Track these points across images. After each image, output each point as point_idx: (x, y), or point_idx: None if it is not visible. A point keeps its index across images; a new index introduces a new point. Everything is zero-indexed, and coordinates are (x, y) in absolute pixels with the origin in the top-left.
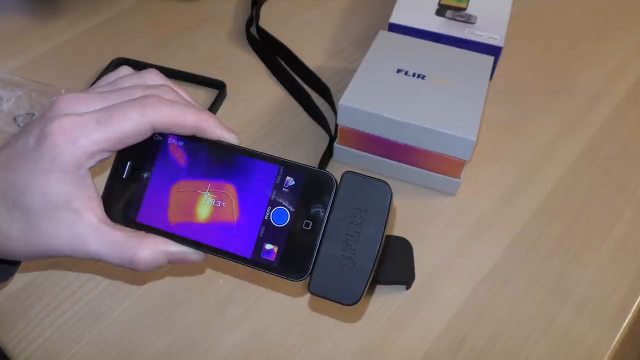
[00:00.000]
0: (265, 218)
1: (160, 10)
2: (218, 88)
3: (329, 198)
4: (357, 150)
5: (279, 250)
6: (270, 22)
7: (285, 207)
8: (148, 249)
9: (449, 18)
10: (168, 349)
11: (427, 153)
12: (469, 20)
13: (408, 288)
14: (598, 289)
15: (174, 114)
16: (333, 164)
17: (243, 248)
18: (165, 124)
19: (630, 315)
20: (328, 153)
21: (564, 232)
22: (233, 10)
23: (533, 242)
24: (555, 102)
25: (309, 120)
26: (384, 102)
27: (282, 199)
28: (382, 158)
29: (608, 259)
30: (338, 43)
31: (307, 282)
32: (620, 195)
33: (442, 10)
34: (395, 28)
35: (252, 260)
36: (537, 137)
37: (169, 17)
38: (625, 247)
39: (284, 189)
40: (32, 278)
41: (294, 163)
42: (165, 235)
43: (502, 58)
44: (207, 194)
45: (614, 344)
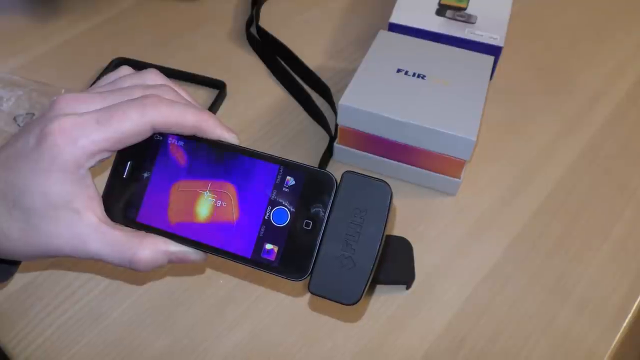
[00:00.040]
0: (266, 218)
1: (160, 10)
2: (218, 88)
3: (329, 198)
4: (357, 150)
5: (279, 250)
6: (270, 22)
7: (286, 206)
8: (148, 249)
9: (449, 18)
10: (168, 349)
11: (427, 153)
12: (469, 20)
13: (408, 288)
14: (598, 289)
15: (174, 114)
16: (333, 164)
17: (243, 248)
18: (165, 124)
19: (630, 315)
20: (328, 153)
21: (564, 232)
22: (233, 10)
23: (533, 242)
24: (555, 102)
25: (309, 120)
26: (384, 102)
27: (282, 199)
28: (382, 158)
29: (608, 259)
30: (338, 43)
31: (307, 282)
32: (620, 195)
33: (442, 10)
34: (395, 28)
35: (252, 260)
36: (537, 137)
37: (169, 17)
38: (625, 247)
39: (284, 189)
40: (32, 278)
41: (294, 163)
42: (166, 235)
43: (502, 58)
44: (207, 194)
45: (614, 344)
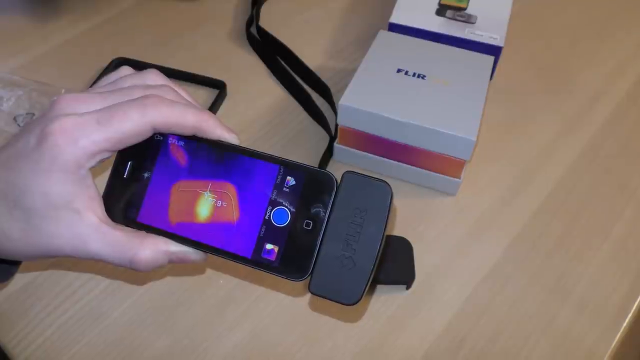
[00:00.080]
0: (266, 218)
1: (160, 10)
2: (218, 88)
3: (330, 198)
4: (357, 150)
5: (280, 250)
6: (271, 22)
7: (286, 207)
8: (149, 249)
9: (449, 18)
10: (168, 349)
11: (427, 153)
12: (469, 20)
13: (408, 288)
14: (598, 289)
15: (175, 114)
16: (333, 164)
17: (243, 248)
18: (166, 124)
19: (631, 315)
20: (328, 153)
21: (564, 231)
22: (233, 10)
23: (533, 242)
24: (556, 101)
25: (309, 120)
26: (384, 102)
27: (282, 199)
28: (382, 158)
29: (608, 259)
30: (338, 43)
31: (307, 282)
32: (621, 195)
33: (442, 10)
34: (395, 28)
35: (252, 260)
36: (537, 136)
37: (169, 17)
38: (626, 246)
39: (285, 189)
40: (32, 278)
41: (295, 163)
42: (166, 235)
43: (502, 58)
44: (207, 194)
45: (614, 344)
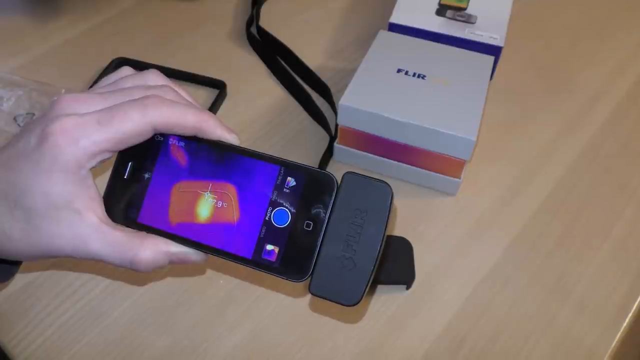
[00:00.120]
0: (266, 218)
1: (160, 10)
2: (218, 88)
3: (330, 199)
4: (357, 150)
5: (280, 251)
6: (271, 22)
7: (286, 207)
8: (149, 250)
9: (449, 18)
10: (168, 349)
11: (427, 153)
12: (469, 20)
13: (408, 288)
14: (598, 289)
15: (175, 115)
16: (333, 164)
17: (244, 248)
18: (166, 125)
19: (631, 315)
20: (328, 153)
21: (564, 231)
22: (233, 10)
23: (533, 242)
24: (556, 101)
25: (309, 120)
26: (384, 102)
27: (282, 200)
28: (382, 158)
29: (608, 259)
30: (338, 43)
31: (307, 282)
32: (621, 195)
33: (442, 10)
34: (395, 28)
35: (252, 261)
36: (537, 136)
37: (169, 17)
38: (626, 246)
39: (285, 190)
40: (32, 278)
41: (295, 163)
42: (166, 236)
43: (502, 58)
44: (207, 195)
45: (614, 344)
